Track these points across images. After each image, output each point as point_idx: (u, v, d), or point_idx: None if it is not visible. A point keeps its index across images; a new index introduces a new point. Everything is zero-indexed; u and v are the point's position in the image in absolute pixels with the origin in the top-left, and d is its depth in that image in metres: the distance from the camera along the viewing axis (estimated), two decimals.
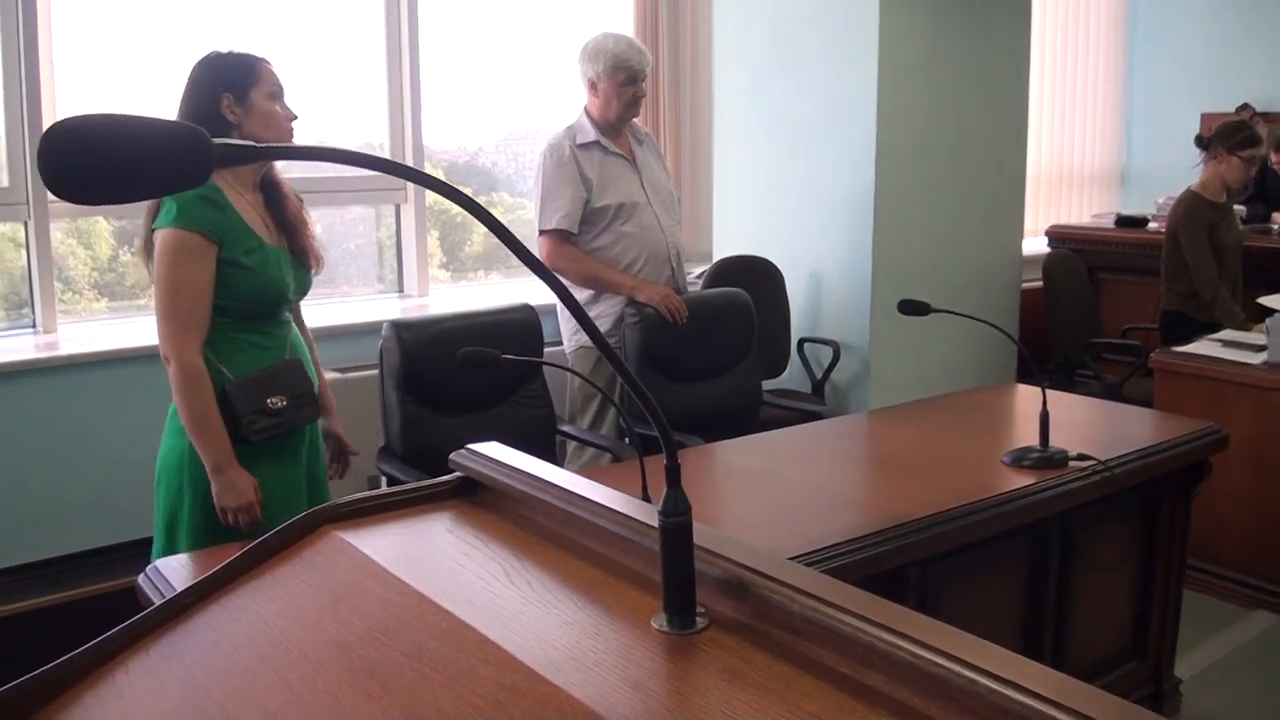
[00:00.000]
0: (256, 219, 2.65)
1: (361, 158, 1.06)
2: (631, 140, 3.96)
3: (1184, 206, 4.67)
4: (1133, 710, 0.91)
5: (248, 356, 2.62)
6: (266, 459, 2.64)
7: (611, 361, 1.18)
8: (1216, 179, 4.69)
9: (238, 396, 2.57)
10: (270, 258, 2.63)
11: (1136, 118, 7.25)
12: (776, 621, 1.12)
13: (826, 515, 2.46)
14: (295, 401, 2.66)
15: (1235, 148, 4.60)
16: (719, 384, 3.90)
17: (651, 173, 3.96)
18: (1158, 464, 2.93)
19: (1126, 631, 3.15)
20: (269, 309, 2.66)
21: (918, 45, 4.52)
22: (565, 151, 3.83)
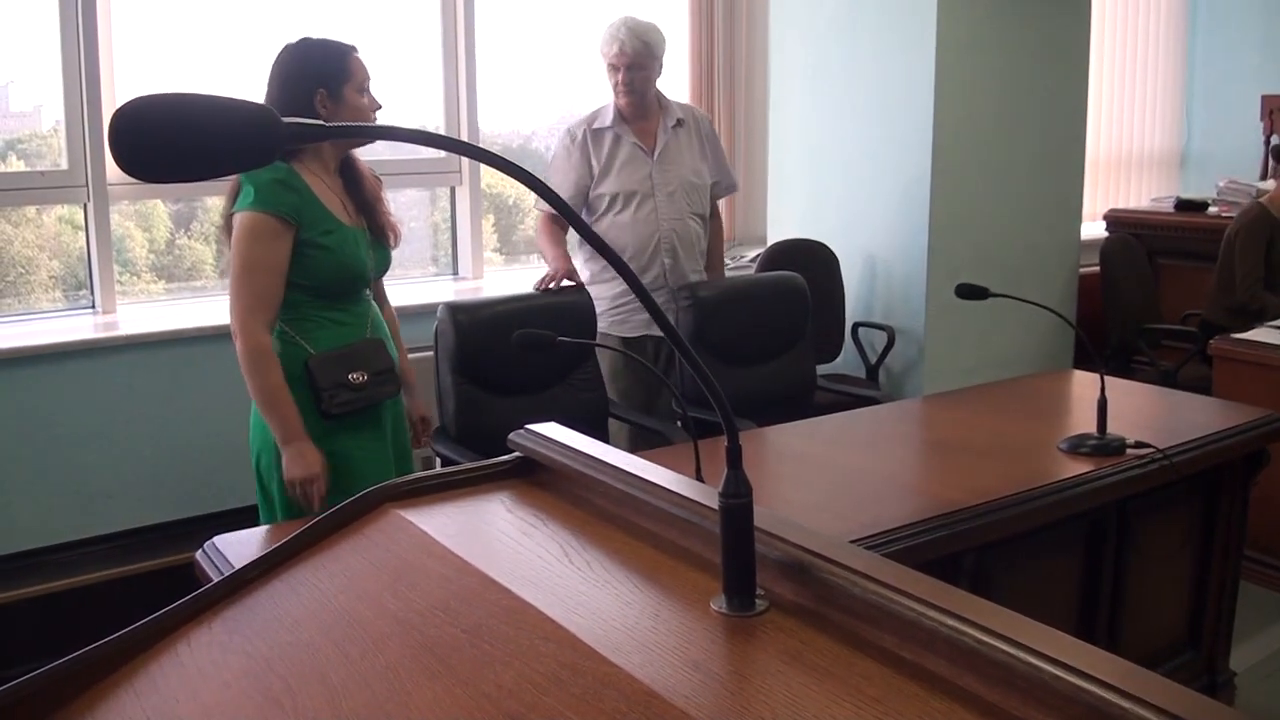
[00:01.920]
0: (335, 201, 2.71)
1: (430, 137, 1.07)
2: (664, 127, 3.87)
3: (1247, 219, 4.55)
4: (1201, 701, 0.90)
5: (329, 333, 2.70)
6: (348, 432, 2.72)
7: (674, 342, 1.18)
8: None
9: (319, 370, 2.65)
10: (348, 238, 2.70)
11: (1197, 99, 7.11)
12: (837, 605, 1.12)
13: (881, 500, 2.45)
14: (376, 378, 2.73)
15: None
16: (772, 368, 3.88)
17: (675, 162, 3.86)
18: (1216, 453, 2.90)
19: (1181, 622, 3.12)
20: (348, 287, 2.74)
21: (977, 26, 4.46)
22: (578, 135, 3.84)
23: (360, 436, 2.76)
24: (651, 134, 3.86)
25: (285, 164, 2.60)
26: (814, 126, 4.85)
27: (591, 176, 3.81)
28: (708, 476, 2.53)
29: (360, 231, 2.77)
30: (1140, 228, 5.66)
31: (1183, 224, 5.51)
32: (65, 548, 3.64)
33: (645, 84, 3.79)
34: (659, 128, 3.86)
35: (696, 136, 3.95)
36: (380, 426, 2.82)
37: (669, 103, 3.92)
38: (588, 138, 3.82)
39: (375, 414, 2.79)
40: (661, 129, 3.86)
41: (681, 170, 3.86)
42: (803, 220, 4.85)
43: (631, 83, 3.75)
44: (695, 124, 3.97)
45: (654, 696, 1.01)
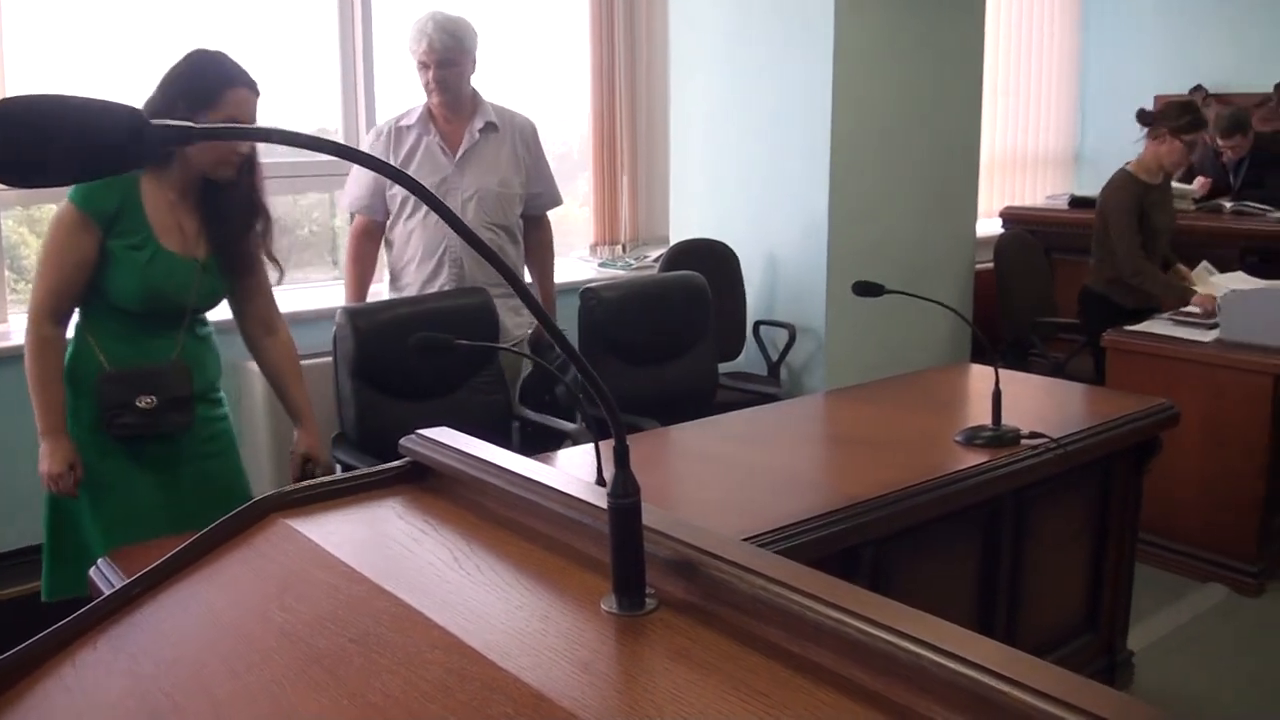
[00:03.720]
0: (169, 222, 2.61)
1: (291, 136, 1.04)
2: (475, 130, 3.67)
3: (1118, 187, 4.56)
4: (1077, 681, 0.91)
5: (129, 349, 2.62)
6: (128, 458, 2.64)
7: (557, 342, 1.18)
8: (1155, 160, 4.55)
9: (106, 389, 2.58)
10: (164, 261, 2.59)
11: (1090, 100, 7.31)
12: (725, 601, 1.12)
13: (781, 496, 2.46)
14: (168, 404, 2.62)
15: (1181, 130, 4.45)
16: (675, 367, 3.90)
17: (478, 168, 3.67)
18: (1109, 441, 2.96)
19: (1080, 606, 3.19)
20: (157, 310, 2.63)
21: (873, 29, 4.53)
22: (384, 132, 3.71)
23: (143, 467, 2.66)
24: (459, 136, 3.68)
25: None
26: (715, 127, 4.88)
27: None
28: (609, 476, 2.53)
29: (188, 260, 2.64)
30: (1035, 224, 5.80)
31: (1076, 220, 5.65)
32: None
33: (458, 81, 3.63)
34: (467, 130, 3.69)
35: (511, 144, 3.75)
36: (171, 462, 2.70)
37: (484, 104, 3.73)
38: (392, 135, 3.68)
39: (163, 447, 2.68)
40: (469, 132, 3.68)
41: (485, 177, 3.67)
42: (704, 220, 4.88)
43: (443, 80, 3.60)
44: (513, 130, 3.77)
45: (541, 699, 1.00)
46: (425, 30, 3.56)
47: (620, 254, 5.15)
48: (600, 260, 5.11)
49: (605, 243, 5.17)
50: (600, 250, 5.16)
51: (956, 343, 4.77)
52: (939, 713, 0.94)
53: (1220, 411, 3.94)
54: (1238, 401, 3.92)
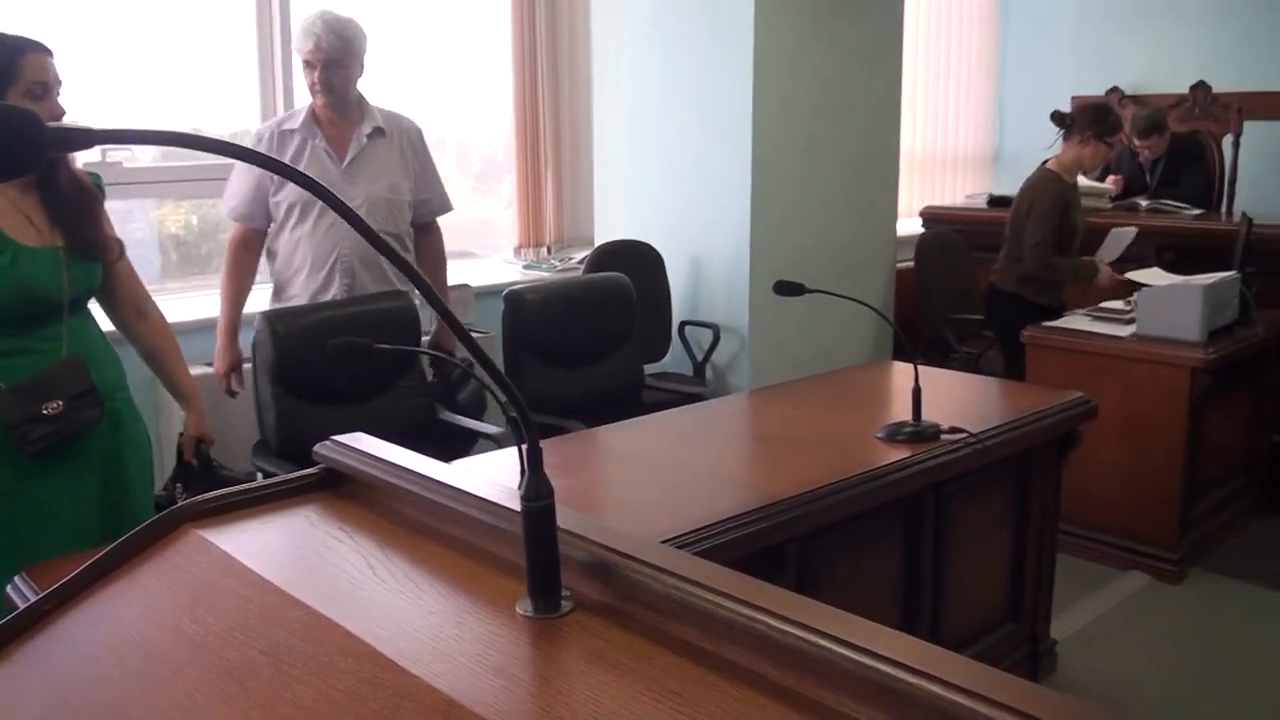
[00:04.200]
0: (18, 218, 2.51)
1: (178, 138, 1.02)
2: (363, 135, 3.56)
3: (1044, 185, 4.58)
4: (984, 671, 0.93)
5: (17, 362, 2.49)
6: (44, 476, 2.53)
7: (466, 345, 1.17)
8: (1076, 162, 4.61)
9: (7, 408, 2.44)
10: (25, 259, 2.49)
11: (1008, 101, 7.43)
12: (640, 601, 1.13)
13: (706, 495, 2.47)
14: (74, 403, 2.51)
15: (1105, 133, 4.51)
16: (601, 368, 3.90)
17: (367, 174, 3.56)
18: (1028, 435, 3.01)
19: (1002, 597, 3.24)
20: (33, 312, 2.52)
21: (793, 30, 4.56)
22: (265, 136, 3.56)
23: (58, 480, 2.56)
24: (345, 140, 3.56)
25: None
26: (638, 128, 4.89)
27: (272, 182, 3.50)
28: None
29: (50, 250, 2.53)
30: (956, 224, 5.88)
31: (995, 219, 5.71)
32: None
33: (345, 83, 3.52)
34: (354, 135, 3.57)
35: (400, 148, 3.65)
36: (82, 465, 2.61)
37: (371, 109, 3.63)
38: (275, 139, 3.53)
39: (78, 448, 2.58)
40: (356, 137, 3.56)
41: (373, 184, 3.56)
42: (629, 221, 4.89)
43: (329, 81, 3.47)
44: (401, 135, 3.66)
45: (453, 705, 1.00)
46: (313, 29, 3.45)
47: (545, 256, 5.14)
48: (525, 263, 5.09)
49: (529, 245, 5.16)
50: (525, 253, 5.14)
51: (879, 340, 4.82)
52: (849, 706, 0.94)
53: (1138, 404, 4.03)
54: (1155, 394, 4.01)
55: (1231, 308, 4.21)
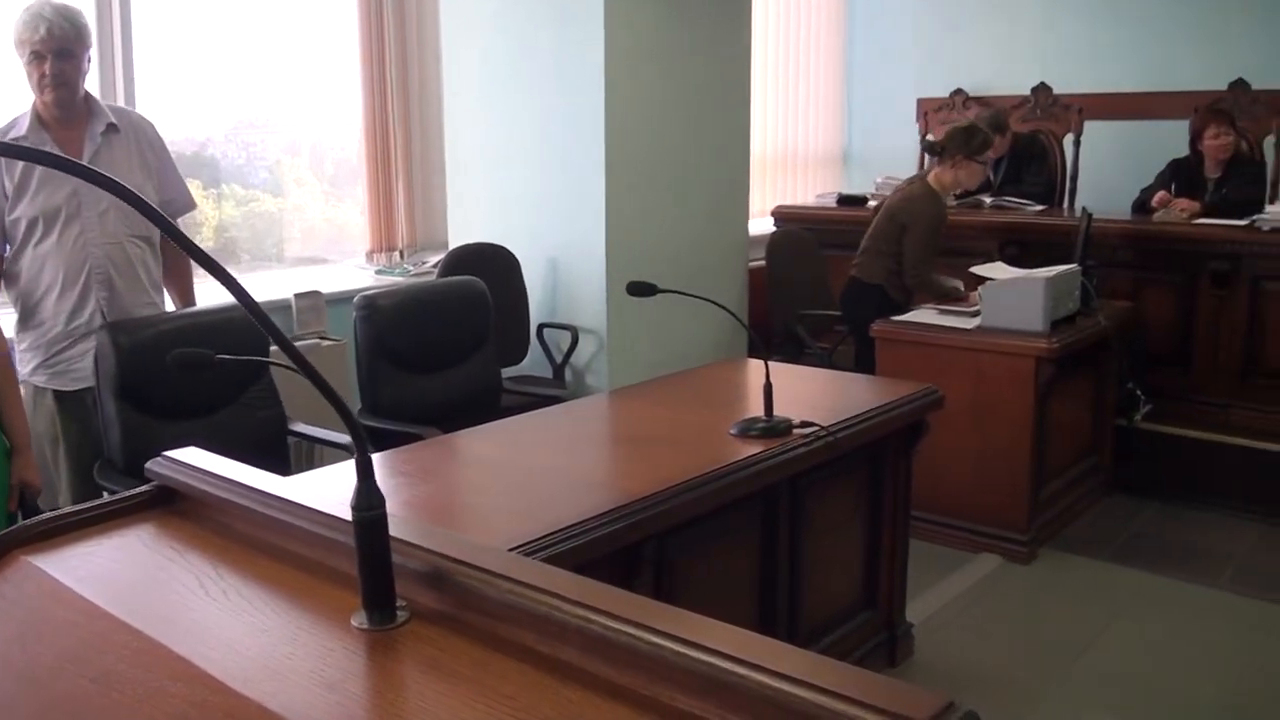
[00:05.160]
0: None
1: None
2: (92, 134, 3.26)
3: (925, 205, 4.72)
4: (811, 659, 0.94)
5: None
6: None
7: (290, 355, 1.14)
8: (954, 182, 4.78)
9: None
10: None
11: (857, 102, 7.60)
12: (476, 608, 1.12)
13: (562, 498, 2.47)
14: None
15: (974, 152, 4.67)
16: (457, 373, 3.85)
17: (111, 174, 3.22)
18: (877, 426, 3.09)
19: (859, 584, 3.32)
20: None
21: (643, 29, 4.59)
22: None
23: None
24: (78, 142, 3.23)
25: None
26: (490, 130, 4.86)
27: (6, 199, 3.18)
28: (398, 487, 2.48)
29: None
30: (806, 222, 5.98)
31: (844, 217, 5.87)
32: None
33: (75, 75, 3.18)
34: (87, 134, 3.25)
35: (137, 146, 3.38)
36: None
37: (99, 105, 3.32)
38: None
39: None
40: (89, 136, 3.25)
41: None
42: (483, 224, 4.85)
43: (61, 73, 3.14)
44: (135, 132, 3.38)
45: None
46: (42, 15, 3.11)
47: (398, 261, 5.06)
48: (377, 268, 5.00)
49: (382, 250, 5.07)
50: (377, 258, 5.06)
51: (736, 338, 4.88)
52: (682, 700, 0.95)
53: (986, 394, 4.17)
54: (1002, 384, 4.15)
55: (1073, 298, 4.38)
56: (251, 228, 4.91)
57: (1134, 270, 5.14)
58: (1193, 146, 5.45)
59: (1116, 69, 6.52)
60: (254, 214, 4.89)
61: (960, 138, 4.70)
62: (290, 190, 5.06)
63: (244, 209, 4.89)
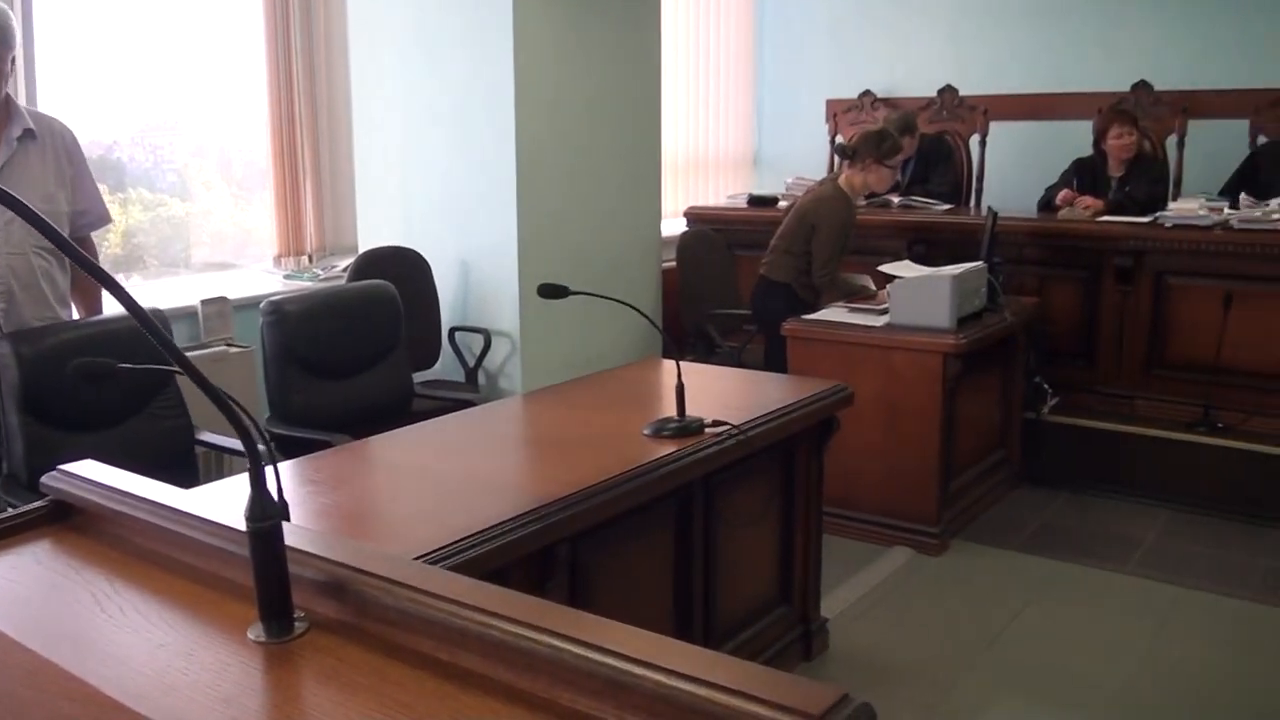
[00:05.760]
0: None
1: None
2: (8, 138, 3.15)
3: (834, 206, 4.77)
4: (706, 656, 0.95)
5: None
6: None
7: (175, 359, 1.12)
8: (864, 185, 4.84)
9: None
10: None
11: (767, 104, 7.67)
12: (375, 616, 1.11)
13: (474, 502, 2.45)
14: None
15: (883, 156, 4.73)
16: (368, 379, 3.80)
17: (20, 183, 3.12)
18: (789, 424, 3.12)
19: (773, 580, 3.35)
20: None
21: (552, 34, 4.59)
22: None
23: None
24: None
25: None
26: (399, 132, 4.82)
27: None
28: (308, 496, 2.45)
29: None
30: (717, 223, 6.03)
31: (756, 218, 5.92)
32: None
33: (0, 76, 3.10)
34: (2, 139, 3.14)
35: (54, 155, 3.27)
36: None
37: (19, 109, 3.22)
38: None
39: None
40: (5, 141, 3.14)
41: (27, 193, 3.01)
42: (394, 227, 4.81)
43: None
44: (53, 139, 3.27)
45: None
46: None
47: (307, 265, 5.00)
48: (286, 272, 4.93)
49: (290, 254, 5.00)
50: (285, 262, 4.99)
51: (649, 339, 4.89)
52: (582, 703, 0.96)
53: (895, 390, 4.23)
54: (910, 380, 4.21)
55: (980, 295, 4.46)
56: (159, 233, 4.82)
57: (1040, 267, 5.25)
58: (1096, 146, 5.59)
59: (1021, 71, 6.67)
60: (161, 219, 4.80)
61: (871, 142, 4.77)
62: (198, 194, 4.98)
63: (151, 214, 4.79)
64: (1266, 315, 4.73)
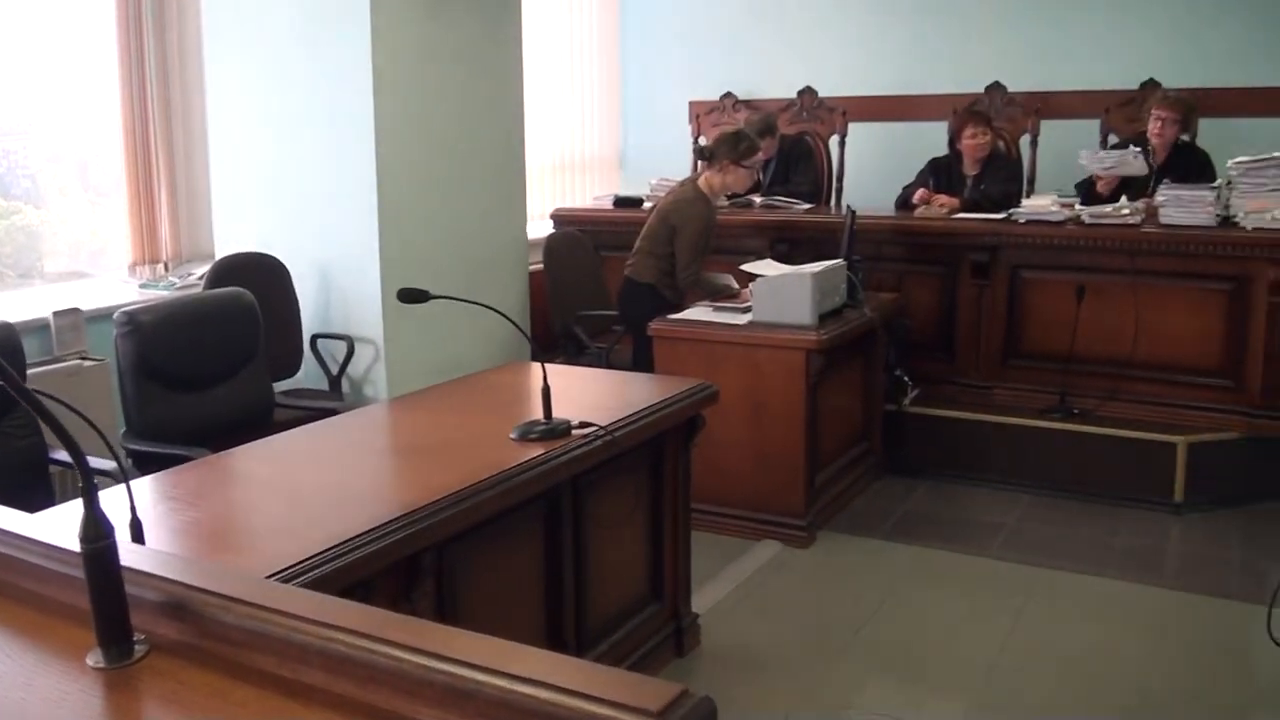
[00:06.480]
0: None
1: None
2: None
3: (695, 209, 4.83)
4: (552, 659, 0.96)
5: None
6: None
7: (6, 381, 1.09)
8: (723, 186, 4.91)
9: None
10: None
11: (631, 106, 7.72)
12: (216, 636, 1.09)
13: (338, 512, 2.42)
14: None
15: (740, 158, 4.81)
16: (227, 390, 3.70)
17: None
18: (655, 423, 3.15)
19: (644, 579, 3.38)
20: None
21: (411, 36, 4.55)
22: None
23: None
24: None
25: None
26: (257, 136, 4.72)
27: None
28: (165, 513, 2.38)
29: None
30: (584, 224, 6.05)
31: (621, 219, 5.95)
32: None
33: None
34: None
35: None
36: None
37: None
38: None
39: None
40: None
41: None
42: (251, 233, 4.71)
43: None
44: None
45: None
46: None
47: (163, 274, 4.86)
48: (142, 281, 4.79)
49: (146, 262, 4.86)
50: (140, 271, 4.84)
51: (518, 342, 4.89)
52: (425, 713, 0.96)
53: (760, 386, 4.31)
54: (774, 376, 4.29)
55: (840, 292, 4.57)
56: (14, 242, 4.64)
57: (898, 264, 5.39)
58: (952, 146, 5.77)
59: (879, 73, 6.86)
60: (16, 227, 4.62)
61: (728, 143, 4.84)
62: (53, 201, 4.80)
63: (6, 221, 4.62)
64: (1117, 306, 4.95)
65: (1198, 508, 4.68)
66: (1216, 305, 4.81)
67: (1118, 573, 4.12)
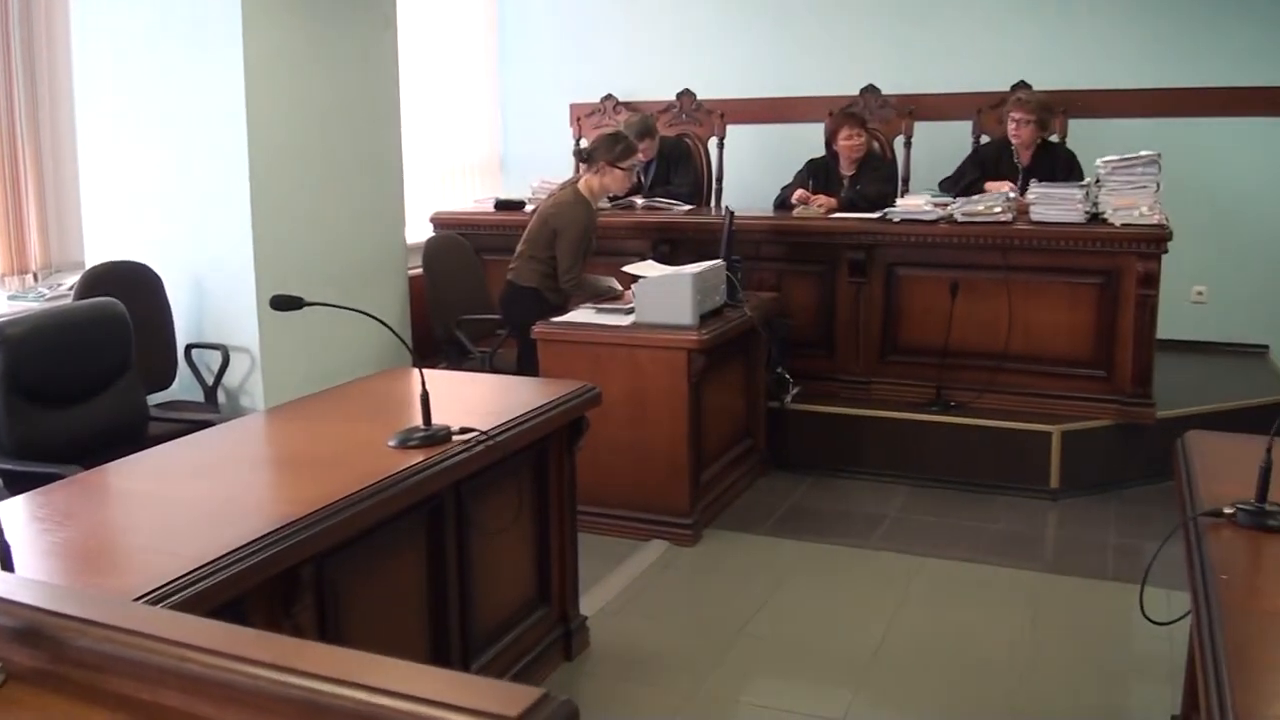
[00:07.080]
0: None
1: None
2: None
3: (574, 212, 4.84)
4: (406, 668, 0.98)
5: None
6: None
7: None
8: (602, 188, 4.93)
9: None
10: None
11: (512, 108, 7.71)
12: (73, 661, 1.08)
13: (213, 529, 2.37)
14: None
15: (617, 160, 4.83)
16: (99, 404, 3.59)
17: None
18: (538, 426, 3.16)
19: (531, 583, 3.39)
20: None
21: (283, 40, 4.49)
22: None
23: None
24: None
25: None
26: (126, 142, 4.62)
27: None
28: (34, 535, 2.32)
29: None
30: (465, 227, 6.02)
31: (503, 222, 5.94)
32: None
33: None
34: None
35: None
36: None
37: None
38: None
39: None
40: None
41: None
42: (123, 241, 4.60)
43: None
44: None
45: None
46: None
47: (32, 284, 4.71)
48: (10, 293, 4.64)
49: (14, 273, 4.71)
50: (9, 281, 4.69)
51: (398, 349, 4.84)
52: None
53: (643, 387, 4.35)
54: (657, 376, 4.34)
55: (720, 292, 4.63)
56: None
57: (777, 263, 5.49)
58: (828, 147, 5.90)
59: (756, 76, 6.97)
60: None
61: (605, 145, 4.87)
62: None
63: None
64: (990, 301, 5.11)
65: (1073, 494, 4.87)
66: (1087, 299, 4.99)
67: (997, 559, 4.26)
